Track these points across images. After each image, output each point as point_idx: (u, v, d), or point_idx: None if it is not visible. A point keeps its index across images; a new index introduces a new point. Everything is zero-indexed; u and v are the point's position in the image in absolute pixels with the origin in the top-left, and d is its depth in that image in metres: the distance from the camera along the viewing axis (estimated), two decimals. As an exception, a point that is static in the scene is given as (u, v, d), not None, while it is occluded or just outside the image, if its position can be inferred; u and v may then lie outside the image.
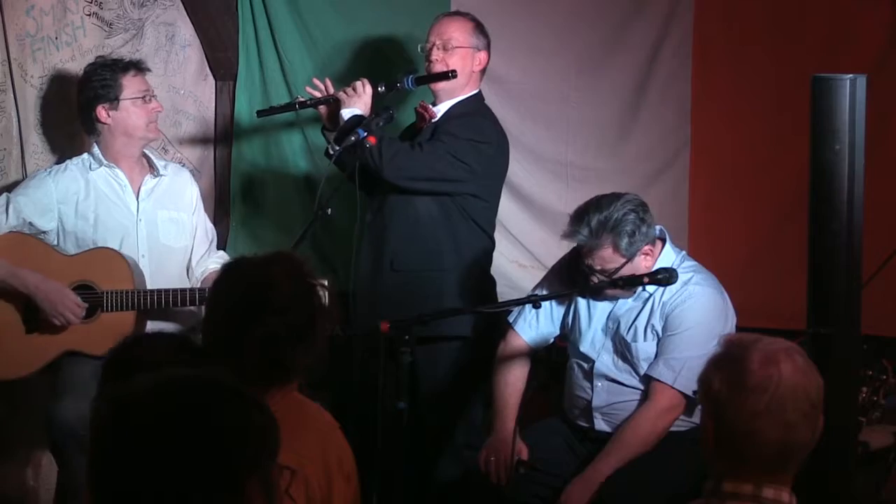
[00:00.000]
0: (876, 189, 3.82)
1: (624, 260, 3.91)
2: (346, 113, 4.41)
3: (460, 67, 4.46)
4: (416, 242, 4.42)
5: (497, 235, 4.66)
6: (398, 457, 3.68)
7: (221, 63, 5.20)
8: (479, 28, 4.54)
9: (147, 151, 4.57)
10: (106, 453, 1.75)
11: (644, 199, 4.04)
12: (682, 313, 3.93)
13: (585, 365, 4.09)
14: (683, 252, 4.12)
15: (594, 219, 3.88)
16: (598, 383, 4.05)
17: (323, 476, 2.70)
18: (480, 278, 4.49)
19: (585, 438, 4.10)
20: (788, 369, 2.28)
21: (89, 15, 4.82)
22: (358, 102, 4.43)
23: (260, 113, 4.78)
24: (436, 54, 4.50)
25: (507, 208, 4.96)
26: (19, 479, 4.69)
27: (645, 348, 3.99)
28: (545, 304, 4.12)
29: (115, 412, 1.77)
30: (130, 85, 4.43)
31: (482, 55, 4.53)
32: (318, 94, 4.56)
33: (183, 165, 4.93)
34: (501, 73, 5.01)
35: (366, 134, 4.23)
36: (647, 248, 3.95)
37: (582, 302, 4.12)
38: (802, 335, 3.35)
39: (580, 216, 3.92)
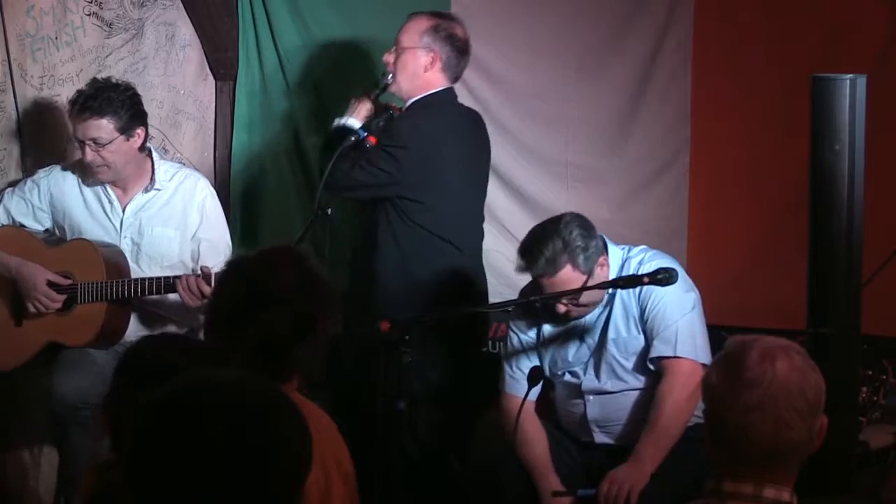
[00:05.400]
0: (876, 189, 3.82)
1: (585, 277, 3.89)
2: (351, 123, 4.39)
3: (406, 70, 4.38)
4: (370, 246, 4.40)
5: (496, 234, 4.64)
6: (398, 457, 3.68)
7: (221, 63, 5.20)
8: (437, 27, 4.41)
9: (156, 160, 4.52)
10: (147, 461, 1.74)
11: (588, 217, 4.02)
12: (653, 291, 3.93)
13: (572, 381, 4.06)
14: (626, 246, 4.10)
15: (546, 246, 3.87)
16: (590, 397, 4.04)
17: (321, 477, 2.70)
18: (431, 279, 4.38)
19: (585, 448, 4.09)
20: (784, 366, 2.29)
21: (89, 15, 4.82)
22: (357, 115, 4.40)
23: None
24: (386, 57, 4.45)
25: (507, 208, 4.96)
26: (19, 478, 4.69)
27: (637, 341, 3.98)
28: (518, 346, 4.11)
29: (161, 421, 1.75)
30: (74, 126, 4.38)
31: (433, 55, 4.38)
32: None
33: (182, 165, 4.81)
34: (501, 73, 5.00)
35: (366, 134, 4.22)
36: (601, 259, 3.95)
37: (548, 326, 4.08)
38: (802, 335, 3.36)
39: (530, 249, 3.91)
